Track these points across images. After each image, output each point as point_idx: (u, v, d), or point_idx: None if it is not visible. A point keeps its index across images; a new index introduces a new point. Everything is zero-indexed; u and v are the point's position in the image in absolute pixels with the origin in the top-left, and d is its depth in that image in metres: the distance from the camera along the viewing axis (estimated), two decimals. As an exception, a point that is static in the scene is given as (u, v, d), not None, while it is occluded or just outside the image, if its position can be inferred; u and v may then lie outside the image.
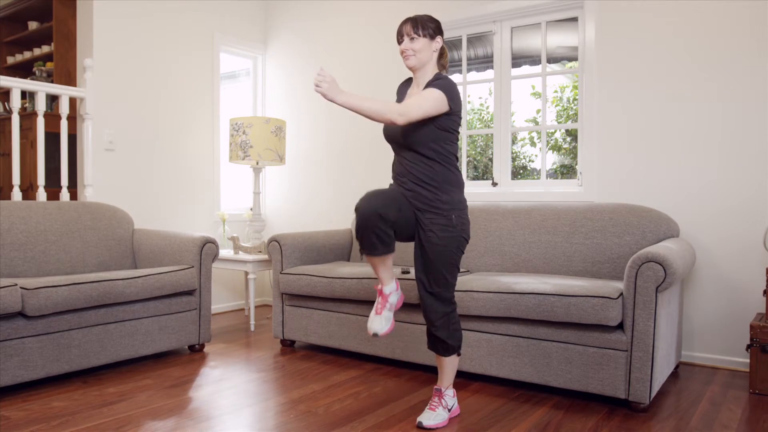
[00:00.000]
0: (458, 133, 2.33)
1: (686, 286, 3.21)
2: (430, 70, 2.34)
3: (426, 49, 2.29)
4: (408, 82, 2.48)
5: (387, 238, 2.18)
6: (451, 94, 2.23)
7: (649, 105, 3.32)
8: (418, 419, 2.30)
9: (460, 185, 2.32)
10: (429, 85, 2.26)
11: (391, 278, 2.35)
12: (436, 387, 2.37)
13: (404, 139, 2.28)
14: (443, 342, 2.32)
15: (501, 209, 3.51)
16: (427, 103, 2.17)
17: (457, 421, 2.37)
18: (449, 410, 2.36)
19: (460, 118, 2.31)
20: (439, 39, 2.32)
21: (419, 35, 2.27)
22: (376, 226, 2.13)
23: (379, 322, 2.32)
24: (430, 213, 2.26)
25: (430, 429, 2.27)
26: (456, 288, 2.81)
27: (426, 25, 2.29)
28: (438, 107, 2.19)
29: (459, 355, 2.38)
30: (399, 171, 2.35)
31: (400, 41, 2.32)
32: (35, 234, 3.18)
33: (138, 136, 4.11)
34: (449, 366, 2.36)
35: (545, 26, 3.70)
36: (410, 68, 2.33)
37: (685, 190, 3.22)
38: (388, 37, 4.26)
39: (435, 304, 2.29)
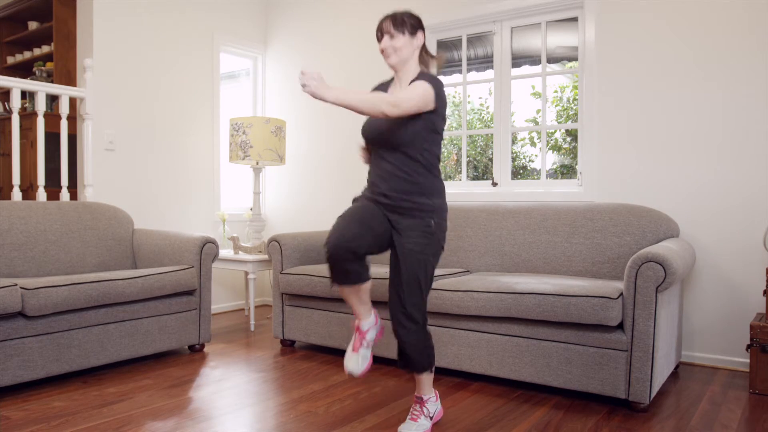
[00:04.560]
0: (443, 135, 2.27)
1: (686, 286, 3.21)
2: (413, 68, 2.25)
3: (407, 47, 2.20)
4: (387, 83, 2.38)
5: (360, 269, 2.13)
6: (438, 90, 2.14)
7: (649, 105, 3.32)
8: (399, 429, 2.21)
9: (442, 191, 2.24)
10: (416, 80, 2.17)
11: (369, 312, 2.26)
12: (416, 395, 2.27)
13: (393, 138, 2.16)
14: (412, 361, 2.20)
15: (501, 209, 3.51)
16: (416, 95, 2.07)
17: (456, 422, 2.37)
18: (431, 417, 2.27)
19: (445, 120, 2.25)
20: (420, 35, 2.23)
21: (399, 32, 2.18)
22: (347, 260, 2.07)
23: (355, 361, 2.22)
24: (409, 218, 2.17)
25: None
26: (456, 288, 2.82)
27: (405, 22, 2.19)
28: (426, 101, 2.09)
29: (431, 372, 2.26)
30: (378, 174, 2.23)
31: (379, 39, 2.22)
32: (35, 234, 3.18)
33: (138, 136, 4.11)
34: (425, 379, 2.26)
35: (545, 26, 3.70)
36: (391, 66, 2.24)
37: (685, 190, 3.22)
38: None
39: (406, 320, 2.16)
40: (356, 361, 2.22)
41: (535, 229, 3.33)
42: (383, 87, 2.39)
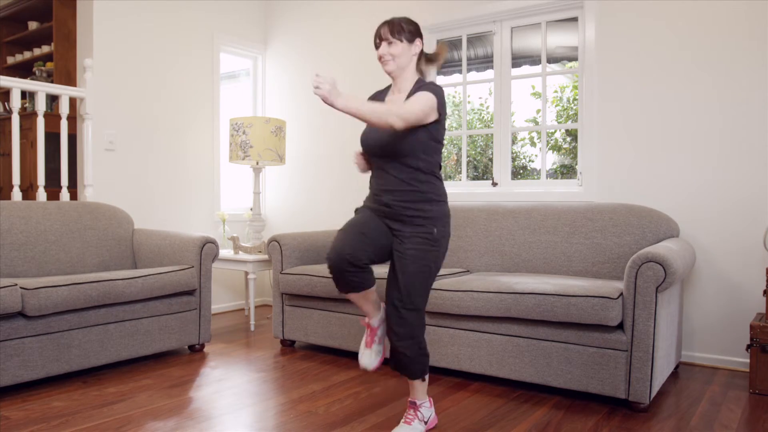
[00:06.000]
0: (443, 144, 2.27)
1: (686, 286, 3.22)
2: (411, 75, 2.25)
3: (405, 54, 2.20)
4: (383, 91, 2.37)
5: (363, 278, 2.13)
6: (441, 99, 2.15)
7: (649, 105, 3.32)
8: None
9: (444, 196, 2.24)
10: (418, 89, 2.17)
11: (377, 309, 2.28)
12: (410, 399, 2.25)
13: (395, 149, 2.15)
14: (405, 366, 2.18)
15: (501, 209, 3.51)
16: (420, 106, 2.08)
17: (456, 422, 2.37)
18: (426, 422, 2.25)
19: (445, 129, 2.26)
20: (418, 42, 2.23)
21: (397, 39, 2.18)
22: (349, 272, 2.08)
23: (369, 356, 2.28)
24: (411, 226, 2.16)
25: None
26: (456, 288, 2.82)
27: (404, 29, 2.19)
28: (430, 112, 2.11)
29: (424, 380, 2.23)
30: (380, 184, 2.22)
31: (377, 45, 2.22)
32: (35, 234, 3.18)
33: (138, 136, 4.11)
34: (418, 386, 2.23)
35: (545, 26, 3.70)
36: (389, 73, 2.24)
37: (685, 190, 3.22)
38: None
39: (402, 320, 2.13)
40: (369, 357, 2.29)
41: (535, 229, 3.33)
42: (380, 95, 2.37)
